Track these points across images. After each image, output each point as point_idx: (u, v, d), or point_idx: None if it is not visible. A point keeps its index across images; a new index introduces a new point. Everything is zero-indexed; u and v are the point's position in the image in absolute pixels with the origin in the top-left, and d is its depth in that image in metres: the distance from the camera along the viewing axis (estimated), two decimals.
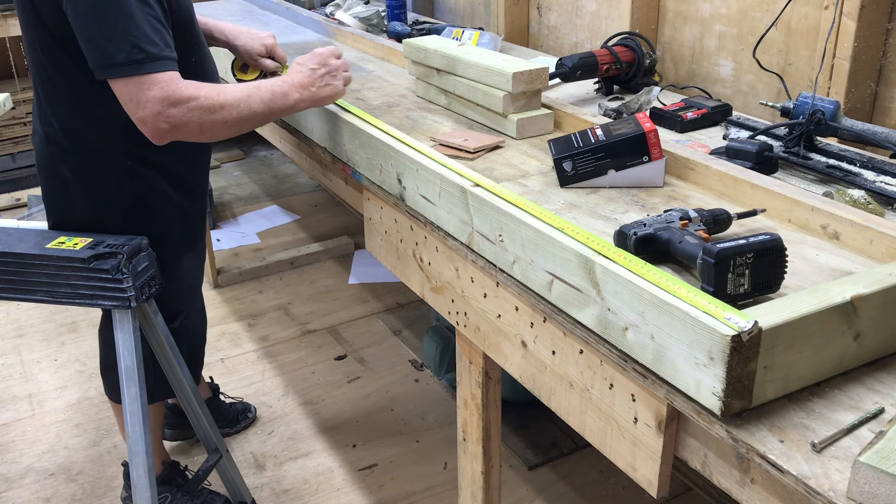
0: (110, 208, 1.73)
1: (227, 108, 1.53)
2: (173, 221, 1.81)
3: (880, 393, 0.98)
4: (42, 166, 1.74)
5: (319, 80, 1.67)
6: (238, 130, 1.60)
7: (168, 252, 1.80)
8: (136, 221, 1.74)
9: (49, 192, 1.75)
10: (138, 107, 1.47)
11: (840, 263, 1.19)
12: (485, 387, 1.58)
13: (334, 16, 2.86)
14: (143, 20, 1.47)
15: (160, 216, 1.78)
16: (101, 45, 1.46)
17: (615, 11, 2.44)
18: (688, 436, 1.08)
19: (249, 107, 1.57)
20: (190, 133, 1.52)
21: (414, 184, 1.52)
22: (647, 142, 1.44)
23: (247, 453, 2.49)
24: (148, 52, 1.46)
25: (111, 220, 1.73)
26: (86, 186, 1.71)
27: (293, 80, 1.65)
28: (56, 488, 2.36)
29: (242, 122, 1.57)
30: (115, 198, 1.72)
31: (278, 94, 1.62)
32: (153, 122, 1.47)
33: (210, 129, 1.53)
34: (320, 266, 3.66)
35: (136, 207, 1.74)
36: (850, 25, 1.71)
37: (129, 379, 1.65)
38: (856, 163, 1.49)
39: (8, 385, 2.84)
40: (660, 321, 1.00)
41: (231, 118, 1.54)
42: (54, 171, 1.72)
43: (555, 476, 2.36)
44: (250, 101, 1.57)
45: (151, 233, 1.72)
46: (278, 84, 1.63)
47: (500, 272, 1.33)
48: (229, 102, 1.54)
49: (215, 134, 1.56)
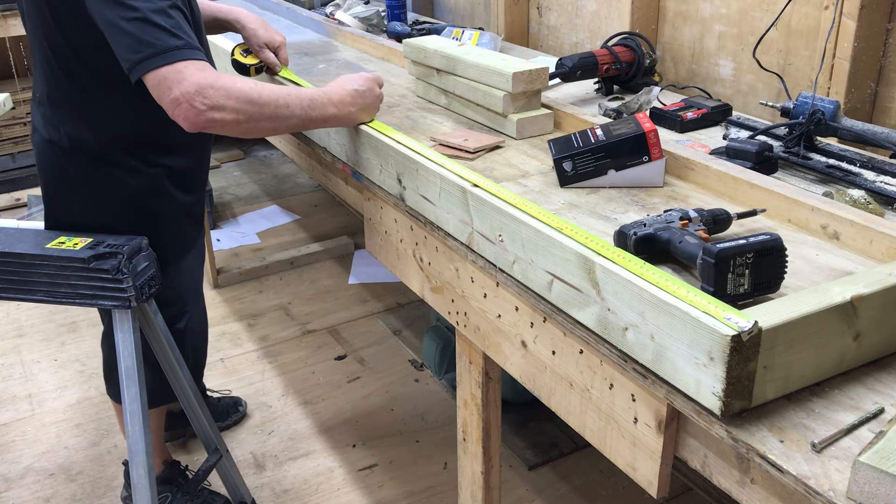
0: (113, 209, 1.73)
1: (263, 102, 1.50)
2: (177, 221, 1.81)
3: (880, 393, 0.98)
4: (43, 167, 1.74)
5: (360, 103, 1.65)
6: (273, 128, 1.56)
7: (172, 252, 1.81)
8: (140, 222, 1.74)
9: (50, 191, 1.75)
10: (174, 86, 1.43)
11: (840, 263, 1.19)
12: (485, 387, 1.58)
13: (334, 16, 2.86)
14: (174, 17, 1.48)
15: (164, 216, 1.78)
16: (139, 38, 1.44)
17: (615, 11, 2.44)
18: (688, 436, 1.08)
19: (288, 105, 1.54)
20: (226, 120, 1.47)
21: (414, 184, 1.52)
22: (647, 142, 1.44)
23: (247, 453, 2.49)
24: (185, 41, 1.46)
25: (114, 222, 1.73)
26: (89, 188, 1.71)
27: (333, 94, 1.62)
28: (56, 488, 2.36)
29: (279, 120, 1.54)
30: (119, 199, 1.72)
31: (318, 104, 1.59)
32: (189, 101, 1.43)
33: (246, 119, 1.49)
34: (320, 266, 3.66)
35: (141, 208, 1.74)
36: (850, 25, 1.71)
37: (129, 379, 1.65)
38: (856, 163, 1.49)
39: (8, 385, 2.84)
40: (660, 321, 1.00)
41: (267, 113, 1.51)
42: (56, 172, 1.72)
43: (555, 476, 2.36)
44: (289, 101, 1.54)
45: (156, 233, 1.72)
46: (318, 94, 1.60)
47: (500, 272, 1.33)
48: (266, 97, 1.51)
49: (251, 126, 1.51)
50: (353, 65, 2.37)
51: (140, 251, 1.61)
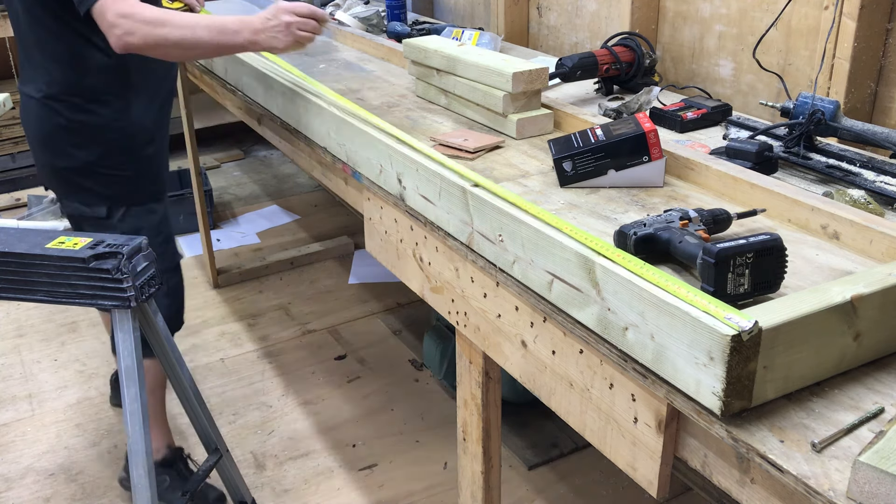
0: (103, 150, 1.98)
1: (170, 25, 1.73)
2: (162, 155, 2.14)
3: (880, 393, 0.98)
4: (37, 126, 1.98)
5: (271, 30, 1.77)
6: (184, 52, 1.82)
7: (159, 190, 2.12)
8: (134, 156, 2.02)
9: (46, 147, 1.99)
10: (100, 19, 1.73)
11: (840, 263, 1.19)
12: (485, 387, 1.58)
13: (334, 16, 2.86)
14: None
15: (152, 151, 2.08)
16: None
17: (615, 11, 2.44)
18: (688, 436, 1.08)
19: (194, 31, 1.75)
20: (138, 45, 1.73)
21: (414, 184, 1.52)
22: (647, 142, 1.44)
23: (247, 453, 2.49)
24: None
25: (105, 161, 1.99)
26: (83, 131, 1.96)
27: (247, 22, 1.78)
28: (56, 488, 2.36)
29: (187, 43, 1.75)
30: (108, 139, 1.98)
31: (229, 30, 1.76)
32: (110, 30, 1.72)
33: (156, 43, 1.73)
34: (320, 266, 3.66)
35: (126, 148, 2.01)
36: (850, 25, 1.71)
37: (129, 379, 1.65)
38: (856, 163, 1.49)
39: (8, 385, 2.84)
40: (660, 321, 1.00)
41: (174, 36, 1.73)
42: (52, 126, 1.96)
43: (555, 476, 2.36)
44: (197, 27, 1.75)
45: (147, 167, 2.05)
46: (232, 21, 1.78)
47: (500, 272, 1.33)
48: (175, 22, 1.74)
49: (166, 51, 1.77)
50: (354, 65, 2.37)
51: (140, 251, 1.61)
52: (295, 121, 2.00)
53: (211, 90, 2.77)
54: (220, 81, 2.48)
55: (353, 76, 2.24)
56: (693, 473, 2.21)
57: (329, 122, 1.82)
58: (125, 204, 2.05)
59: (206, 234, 3.41)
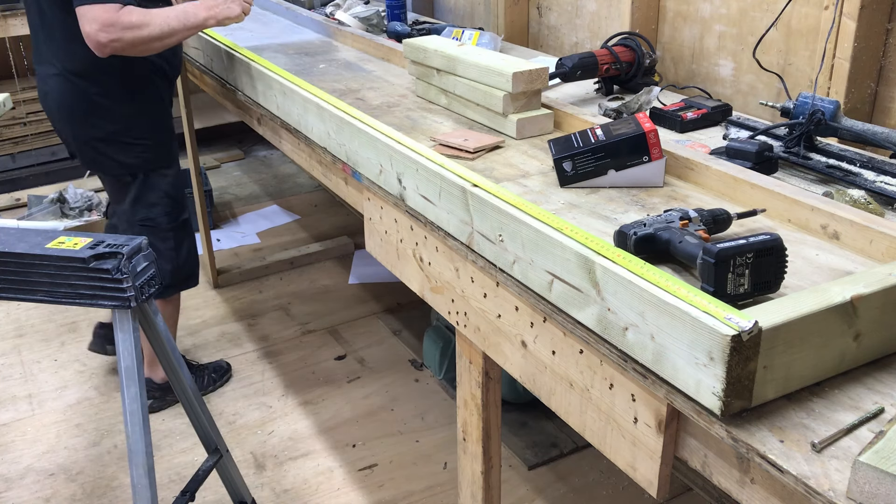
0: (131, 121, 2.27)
1: (150, 25, 2.03)
2: (171, 127, 2.42)
3: (880, 393, 0.98)
4: (66, 103, 2.22)
5: (222, 5, 2.16)
6: (162, 43, 2.09)
7: (174, 155, 2.41)
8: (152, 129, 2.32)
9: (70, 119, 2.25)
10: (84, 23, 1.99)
11: (840, 263, 1.19)
12: (485, 387, 1.58)
13: (334, 16, 2.86)
14: None
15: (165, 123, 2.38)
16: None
17: (615, 11, 2.44)
18: (688, 436, 1.08)
19: (168, 24, 2.07)
20: (124, 47, 2.03)
21: (414, 184, 1.52)
22: (647, 142, 1.44)
23: (247, 453, 2.49)
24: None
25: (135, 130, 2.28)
26: (110, 103, 2.23)
27: (203, 3, 2.15)
28: (56, 488, 2.36)
29: (164, 35, 2.07)
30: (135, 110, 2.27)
31: (190, 13, 2.11)
32: (95, 37, 1.99)
33: (140, 42, 2.04)
34: (320, 266, 3.66)
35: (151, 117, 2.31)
36: (850, 25, 1.71)
37: (129, 379, 1.65)
38: (856, 163, 1.49)
39: (8, 385, 2.84)
40: (660, 321, 1.00)
41: (154, 33, 2.05)
42: (80, 99, 2.22)
43: (554, 476, 2.36)
44: (169, 20, 2.07)
45: (162, 139, 2.35)
46: (191, 6, 2.13)
47: (500, 272, 1.33)
48: (153, 22, 2.04)
49: (147, 47, 2.07)
50: (354, 65, 2.37)
51: (140, 251, 1.61)
52: (295, 121, 2.00)
53: (211, 90, 2.77)
54: (221, 81, 2.48)
55: (353, 76, 2.24)
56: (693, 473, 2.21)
57: (329, 122, 1.82)
58: (143, 171, 2.34)
59: (206, 234, 3.41)
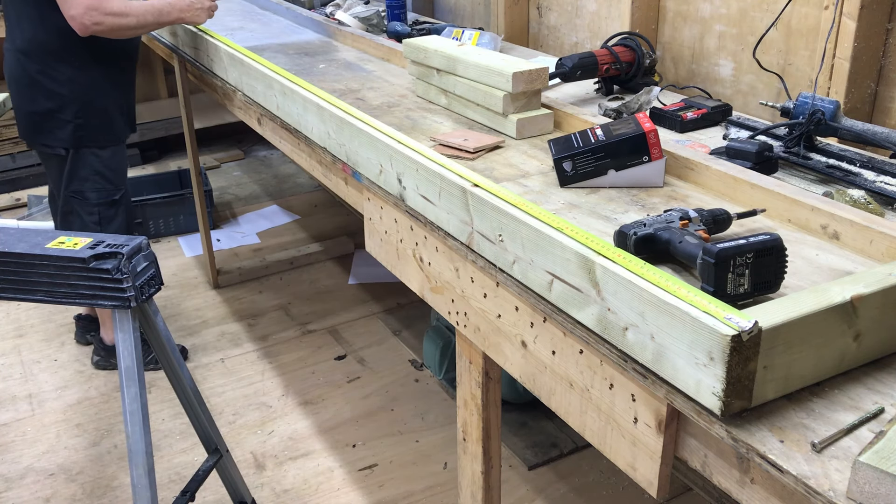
0: (66, 99, 2.47)
1: (130, 15, 2.35)
2: (113, 113, 2.59)
3: (880, 393, 0.98)
4: (14, 76, 2.48)
5: (190, 9, 2.48)
6: (135, 32, 2.43)
7: (110, 138, 2.59)
8: (85, 110, 2.50)
9: (22, 92, 2.48)
10: (70, 7, 2.27)
11: (840, 263, 1.19)
12: (485, 387, 1.58)
13: (334, 16, 2.86)
14: None
15: (104, 108, 2.55)
16: None
17: (615, 11, 2.44)
18: (688, 436, 1.08)
19: (145, 17, 2.39)
20: (104, 31, 2.34)
21: (414, 184, 1.52)
22: (647, 142, 1.44)
23: (247, 453, 2.49)
24: None
25: (68, 109, 2.48)
26: (48, 82, 2.45)
27: (175, 4, 2.45)
28: (56, 488, 2.36)
29: (140, 26, 2.40)
30: (70, 91, 2.47)
31: (164, 13, 2.44)
32: (80, 19, 2.28)
33: (119, 29, 2.36)
34: (320, 266, 3.66)
35: (87, 99, 2.49)
36: (850, 25, 1.71)
37: (128, 379, 1.65)
38: (856, 163, 1.49)
39: (8, 385, 2.84)
40: (660, 321, 1.00)
41: (132, 24, 2.37)
42: (23, 74, 2.45)
43: (555, 476, 2.36)
44: (146, 14, 2.39)
45: (96, 121, 2.53)
46: (166, 4, 2.44)
47: (500, 272, 1.33)
48: (133, 12, 2.36)
49: (123, 33, 2.40)
50: (354, 65, 2.37)
51: (140, 251, 1.61)
52: (295, 121, 2.00)
53: (211, 90, 2.77)
54: (221, 81, 2.48)
55: (353, 76, 2.24)
56: (693, 473, 2.21)
57: (329, 122, 1.82)
58: (74, 147, 2.53)
59: (206, 234, 3.41)
